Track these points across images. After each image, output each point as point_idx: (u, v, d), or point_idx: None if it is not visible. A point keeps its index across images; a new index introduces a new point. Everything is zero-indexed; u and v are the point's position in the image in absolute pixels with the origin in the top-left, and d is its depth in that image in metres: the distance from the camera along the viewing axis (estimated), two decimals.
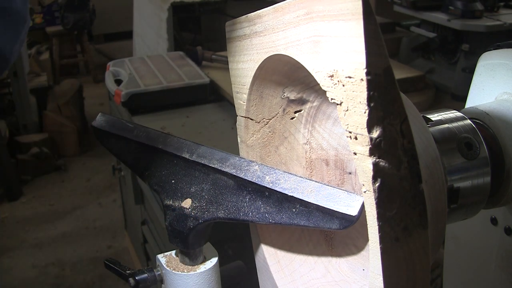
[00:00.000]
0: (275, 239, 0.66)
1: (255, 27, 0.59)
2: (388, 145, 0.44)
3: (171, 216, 0.62)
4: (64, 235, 3.14)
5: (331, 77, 0.47)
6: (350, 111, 0.45)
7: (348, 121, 0.45)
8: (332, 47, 0.46)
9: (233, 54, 0.66)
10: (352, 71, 0.44)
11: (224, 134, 1.84)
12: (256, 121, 0.66)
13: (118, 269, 0.67)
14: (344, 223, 0.48)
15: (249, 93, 0.64)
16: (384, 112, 0.43)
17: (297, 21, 0.51)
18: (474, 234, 0.83)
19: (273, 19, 0.56)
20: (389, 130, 0.44)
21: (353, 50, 0.43)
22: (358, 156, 0.45)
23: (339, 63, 0.46)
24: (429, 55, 2.35)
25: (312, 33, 0.49)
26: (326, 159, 0.66)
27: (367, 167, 0.44)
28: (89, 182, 3.72)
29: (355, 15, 0.42)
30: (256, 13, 0.59)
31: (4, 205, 3.46)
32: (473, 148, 0.64)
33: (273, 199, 0.54)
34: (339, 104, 0.46)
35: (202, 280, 0.64)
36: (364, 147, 0.44)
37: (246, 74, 0.63)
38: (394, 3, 2.40)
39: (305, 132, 0.67)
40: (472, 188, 0.63)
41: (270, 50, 0.57)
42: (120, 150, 0.71)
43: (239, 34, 0.64)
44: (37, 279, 2.78)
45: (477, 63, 0.78)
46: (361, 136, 0.44)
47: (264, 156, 0.67)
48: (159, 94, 2.02)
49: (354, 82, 0.44)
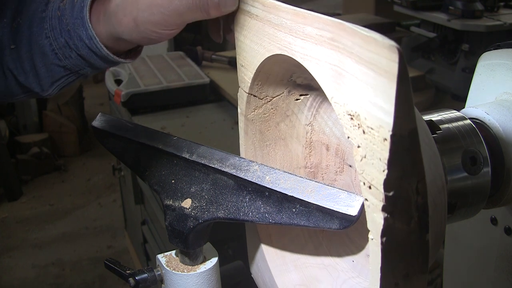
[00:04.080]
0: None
1: (270, 16, 0.55)
2: (402, 203, 0.42)
3: (171, 216, 0.62)
4: (64, 235, 3.14)
5: (351, 117, 0.44)
6: (368, 160, 0.43)
7: (364, 168, 0.43)
8: (358, 89, 0.43)
9: (241, 26, 0.62)
10: (376, 126, 0.41)
11: (224, 134, 1.84)
12: (259, 98, 0.64)
13: (118, 269, 0.67)
14: (344, 223, 0.48)
15: (256, 74, 0.61)
16: (403, 173, 0.41)
17: (320, 40, 0.47)
18: (474, 234, 0.83)
19: (292, 21, 0.52)
20: (406, 189, 0.42)
21: (380, 106, 0.40)
22: (370, 205, 0.44)
23: (363, 109, 0.42)
24: (429, 55, 2.35)
25: (336, 62, 0.45)
26: (327, 144, 0.65)
27: (378, 220, 0.43)
28: (89, 182, 3.72)
29: (388, 73, 0.39)
30: (273, 2, 0.54)
31: (4, 205, 3.46)
32: (477, 163, 0.62)
33: (273, 199, 0.54)
34: (356, 146, 0.44)
35: (202, 280, 0.64)
36: (377, 200, 0.42)
37: (255, 55, 0.60)
38: (394, 3, 2.40)
39: (308, 114, 0.66)
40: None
41: (285, 50, 0.54)
42: (120, 150, 0.71)
43: (249, 10, 0.59)
44: (37, 279, 2.78)
45: (477, 63, 0.78)
46: (376, 189, 0.42)
47: (263, 130, 0.66)
48: (159, 94, 2.02)
49: (376, 136, 0.41)
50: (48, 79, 0.73)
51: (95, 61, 0.70)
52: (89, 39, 0.67)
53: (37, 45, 0.71)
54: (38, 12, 0.71)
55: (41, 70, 0.72)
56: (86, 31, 0.67)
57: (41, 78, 0.73)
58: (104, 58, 0.69)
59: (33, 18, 0.71)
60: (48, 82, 0.74)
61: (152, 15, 0.62)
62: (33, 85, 0.74)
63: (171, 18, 0.62)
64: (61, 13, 0.69)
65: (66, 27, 0.68)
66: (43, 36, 0.70)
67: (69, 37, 0.69)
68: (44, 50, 0.70)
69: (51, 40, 0.70)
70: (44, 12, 0.70)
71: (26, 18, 0.71)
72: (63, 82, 0.74)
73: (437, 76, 2.26)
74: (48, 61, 0.71)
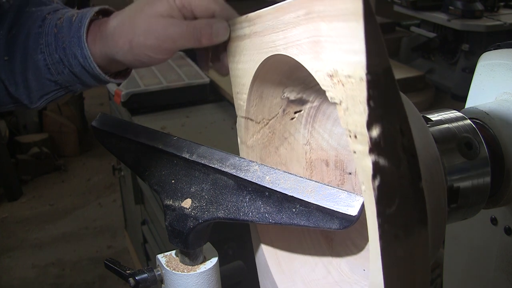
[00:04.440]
0: (275, 240, 0.66)
1: (255, 27, 0.59)
2: (387, 144, 0.44)
3: (171, 216, 0.62)
4: (64, 235, 3.14)
5: (330, 77, 0.47)
6: (349, 110, 0.45)
7: (347, 120, 0.46)
8: (332, 47, 0.47)
9: (233, 54, 0.66)
10: (351, 71, 0.44)
11: (224, 134, 1.84)
12: (256, 122, 0.66)
13: (118, 269, 0.67)
14: (344, 223, 0.48)
15: (249, 93, 0.64)
16: (383, 111, 0.44)
17: (297, 21, 0.51)
18: (474, 234, 0.83)
19: (273, 19, 0.55)
20: (389, 129, 0.44)
21: (352, 50, 0.44)
22: (358, 155, 0.45)
23: (339, 63, 0.46)
24: (429, 55, 2.35)
25: (312, 33, 0.49)
26: (326, 159, 0.66)
27: (367, 165, 0.44)
28: (89, 182, 3.72)
29: (355, 15, 0.42)
30: (256, 13, 0.59)
31: (4, 205, 3.46)
32: (473, 148, 0.64)
33: (273, 199, 0.54)
34: (338, 103, 0.46)
35: (202, 280, 0.64)
36: (363, 145, 0.44)
37: (246, 74, 0.63)
38: (394, 3, 2.40)
39: (305, 132, 0.67)
40: (472, 188, 0.63)
41: (270, 50, 0.57)
42: (120, 150, 0.71)
43: (239, 34, 0.64)
44: (37, 279, 2.78)
45: (477, 63, 0.78)
46: (361, 134, 0.44)
47: (264, 157, 0.67)
48: (159, 94, 2.02)
49: (353, 82, 0.44)
50: (38, 92, 0.74)
51: (86, 79, 0.72)
52: (83, 58, 0.69)
53: (31, 59, 0.72)
54: (35, 27, 0.72)
55: (33, 83, 0.73)
56: (81, 50, 0.69)
57: (31, 90, 0.74)
58: (96, 77, 0.72)
59: (30, 32, 0.72)
60: (38, 95, 0.75)
61: (147, 39, 0.66)
62: (23, 97, 0.75)
63: (165, 44, 0.66)
64: (58, 30, 0.71)
65: (62, 44, 0.70)
66: (38, 51, 0.71)
67: (64, 55, 0.70)
68: (37, 64, 0.72)
69: (46, 55, 0.71)
70: (41, 28, 0.72)
71: (22, 31, 0.72)
72: (52, 96, 0.75)
73: (437, 76, 2.26)
74: (40, 75, 0.72)
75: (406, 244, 0.46)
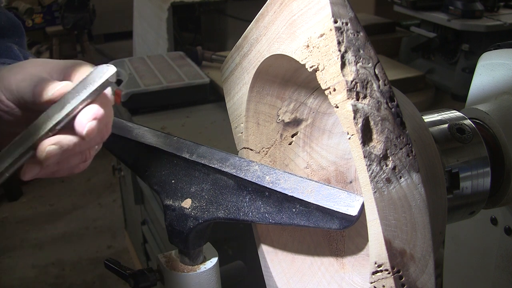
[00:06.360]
0: (287, 268, 0.64)
1: (243, 50, 0.61)
2: (363, 87, 0.46)
3: (171, 216, 0.62)
4: (64, 235, 3.14)
5: (307, 47, 0.50)
6: (326, 67, 0.48)
7: (325, 78, 0.48)
8: (304, 17, 0.50)
9: (229, 92, 0.67)
10: (322, 28, 0.47)
11: (224, 134, 1.84)
12: (256, 152, 0.66)
13: (118, 269, 0.67)
14: (344, 223, 0.48)
15: (246, 121, 0.65)
16: (355, 56, 0.46)
17: (275, 16, 0.54)
18: (474, 234, 0.83)
19: (256, 30, 0.58)
20: (363, 72, 0.46)
21: (320, 8, 0.47)
22: (340, 106, 0.47)
23: (311, 29, 0.49)
24: (429, 55, 2.35)
25: (288, 17, 0.52)
26: (327, 178, 0.66)
27: (348, 110, 0.46)
28: (89, 182, 3.72)
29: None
30: (242, 36, 0.62)
31: (4, 205, 3.46)
32: (466, 132, 0.65)
33: (273, 199, 0.54)
34: (316, 68, 0.49)
35: (202, 280, 0.64)
36: (342, 93, 0.46)
37: (240, 102, 0.65)
38: (394, 3, 2.40)
39: (304, 155, 0.67)
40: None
41: (257, 62, 0.59)
42: (120, 150, 0.71)
43: (231, 68, 0.65)
44: (37, 279, 2.78)
45: (477, 63, 0.78)
46: (338, 84, 0.46)
47: None
48: (159, 94, 2.02)
49: (325, 37, 0.47)
50: None
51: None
52: None
53: None
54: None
55: None
56: None
57: None
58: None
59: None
60: None
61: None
62: None
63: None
64: None
65: None
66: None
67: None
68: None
69: None
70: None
71: None
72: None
73: (437, 76, 2.26)
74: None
75: (399, 186, 0.46)
